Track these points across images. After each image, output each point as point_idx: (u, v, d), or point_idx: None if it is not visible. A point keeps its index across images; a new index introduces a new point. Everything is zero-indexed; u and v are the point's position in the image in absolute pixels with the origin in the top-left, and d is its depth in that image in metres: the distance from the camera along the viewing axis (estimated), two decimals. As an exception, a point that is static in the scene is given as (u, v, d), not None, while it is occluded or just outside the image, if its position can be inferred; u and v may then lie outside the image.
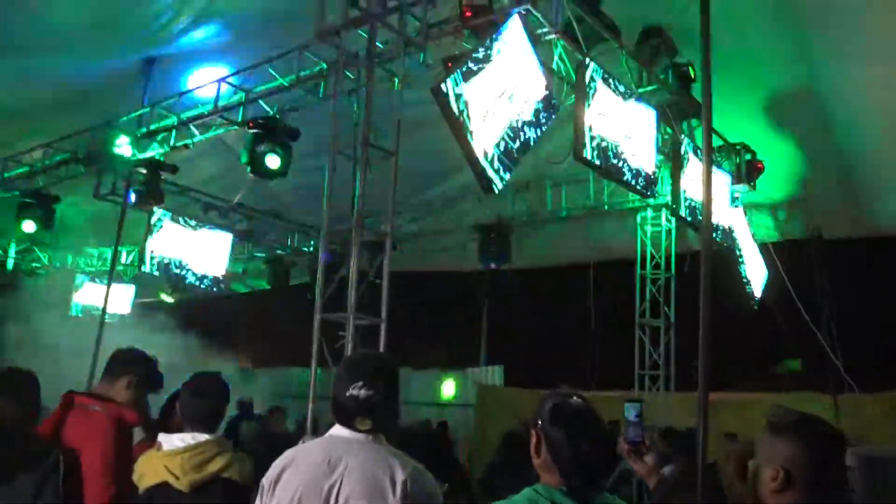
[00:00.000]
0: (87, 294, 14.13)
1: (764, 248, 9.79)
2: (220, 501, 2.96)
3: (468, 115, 4.86)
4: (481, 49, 5.17)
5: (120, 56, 8.13)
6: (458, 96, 4.84)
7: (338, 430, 2.35)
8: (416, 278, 15.32)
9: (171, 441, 3.06)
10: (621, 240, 10.16)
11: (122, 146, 8.81)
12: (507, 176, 5.16)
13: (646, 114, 6.74)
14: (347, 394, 2.32)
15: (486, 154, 4.94)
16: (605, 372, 10.02)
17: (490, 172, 4.93)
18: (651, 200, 9.02)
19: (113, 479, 3.09)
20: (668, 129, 7.47)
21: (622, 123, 6.22)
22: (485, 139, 4.95)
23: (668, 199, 8.02)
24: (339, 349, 5.00)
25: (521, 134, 5.28)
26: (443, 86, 4.65)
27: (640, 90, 7.02)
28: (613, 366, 10.00)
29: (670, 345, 9.11)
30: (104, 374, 3.43)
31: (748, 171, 8.48)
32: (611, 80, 6.18)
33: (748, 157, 8.54)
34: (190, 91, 8.27)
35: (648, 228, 9.56)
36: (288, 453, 2.40)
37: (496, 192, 5.05)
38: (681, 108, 7.44)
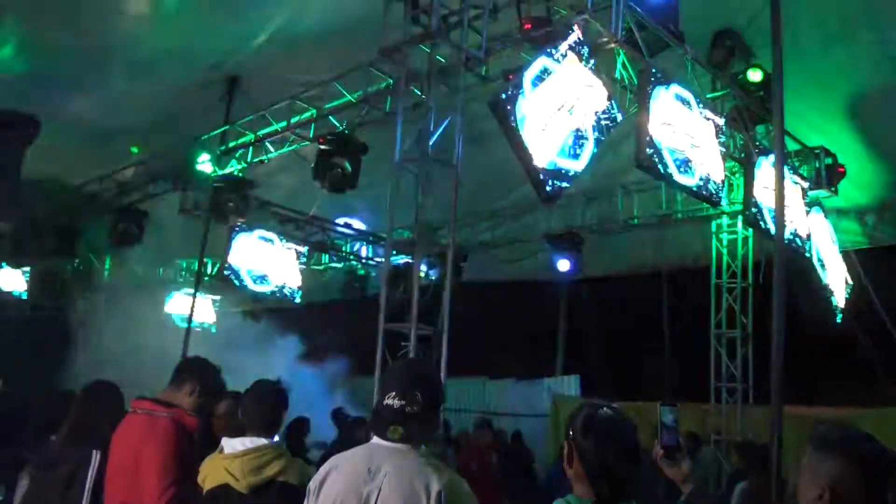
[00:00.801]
0: (177, 304, 14.82)
1: (847, 255, 9.34)
2: (276, 503, 3.08)
3: (526, 128, 4.89)
4: (540, 61, 5.21)
5: (203, 77, 8.57)
6: (516, 109, 4.89)
7: (377, 440, 2.44)
8: (491, 288, 15.37)
9: (231, 445, 3.20)
10: (696, 248, 9.92)
11: (204, 163, 9.28)
12: (566, 186, 5.14)
13: (713, 120, 6.60)
14: (384, 403, 2.40)
15: (544, 166, 4.96)
16: (680, 383, 9.76)
17: (549, 184, 4.94)
18: (726, 207, 8.78)
19: (172, 481, 3.25)
20: (740, 136, 7.28)
21: (687, 131, 6.11)
22: (544, 151, 4.97)
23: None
24: (405, 357, 5.11)
25: (581, 145, 5.26)
26: (500, 100, 4.70)
27: (710, 95, 6.88)
28: (689, 377, 9.74)
29: (748, 356, 8.80)
30: (170, 381, 3.63)
31: (828, 176, 8.15)
32: (675, 88, 6.09)
33: (828, 161, 8.21)
34: (265, 109, 8.61)
35: (724, 236, 9.29)
36: (333, 459, 2.50)
37: (555, 204, 5.05)
38: (754, 113, 7.23)
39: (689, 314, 9.81)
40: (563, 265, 10.19)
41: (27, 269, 13.14)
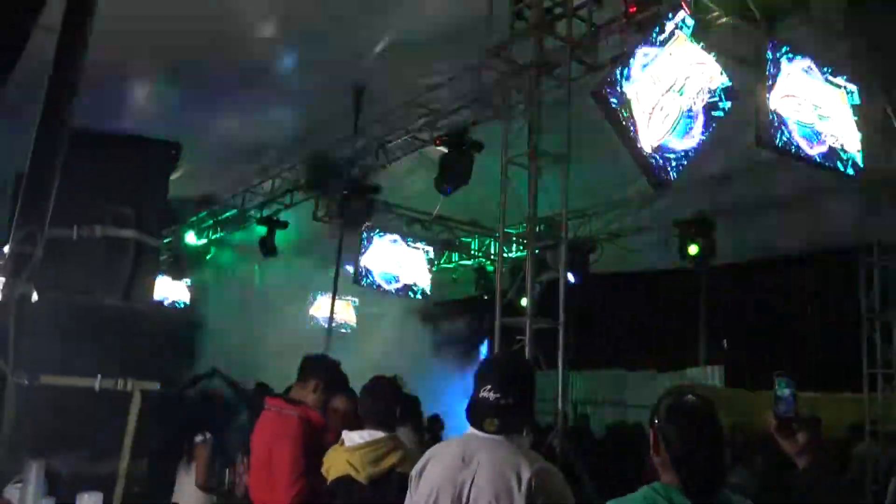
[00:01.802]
0: (320, 307, 15.63)
1: None
2: (395, 493, 3.24)
3: (633, 113, 4.80)
4: (646, 44, 5.09)
5: (331, 88, 9.02)
6: (622, 95, 4.81)
7: (473, 430, 2.52)
8: (625, 278, 15.03)
9: (351, 438, 3.40)
10: (844, 225, 9.19)
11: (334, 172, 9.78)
12: (681, 170, 4.99)
13: (844, 87, 6.12)
14: (480, 395, 2.49)
15: (654, 151, 4.84)
16: (830, 371, 9.09)
17: (660, 169, 4.82)
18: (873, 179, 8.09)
19: (301, 473, 3.49)
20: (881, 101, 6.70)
21: (814, 101, 5.72)
22: (652, 136, 4.86)
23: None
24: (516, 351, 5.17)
25: (694, 126, 5.08)
26: (602, 88, 4.64)
27: (841, 61, 6.39)
28: (839, 364, 9.06)
29: (906, 341, 8.07)
30: (297, 379, 3.89)
31: None
32: (798, 57, 5.71)
33: None
34: (386, 115, 8.93)
35: (875, 210, 8.53)
36: (432, 449, 2.62)
37: (667, 187, 4.92)
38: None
39: (838, 297, 9.14)
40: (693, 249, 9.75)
41: (188, 279, 14.40)
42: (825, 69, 6.02)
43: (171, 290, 13.80)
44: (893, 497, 5.40)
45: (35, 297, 1.97)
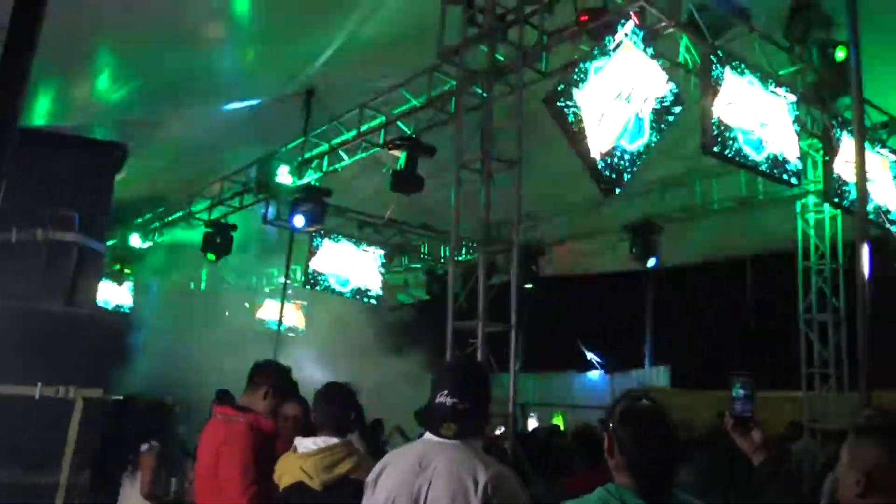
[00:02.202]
0: (268, 310, 15.45)
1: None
2: (349, 500, 3.22)
3: (583, 120, 4.89)
4: (596, 52, 5.19)
5: (279, 90, 8.93)
6: (572, 102, 4.89)
7: (429, 436, 2.54)
8: (574, 281, 15.27)
9: (305, 444, 3.36)
10: (781, 230, 9.53)
11: (283, 175, 9.68)
12: (628, 176, 5.10)
13: (784, 97, 6.36)
14: (436, 400, 2.50)
15: (603, 157, 4.94)
16: (770, 370, 9.39)
17: (608, 175, 4.92)
18: (810, 186, 8.42)
19: (252, 482, 3.43)
20: (818, 111, 6.98)
21: (756, 111, 5.92)
22: (601, 142, 4.95)
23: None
24: (470, 355, 5.19)
25: (640, 133, 5.21)
26: (553, 95, 4.71)
27: (782, 71, 6.64)
28: (779, 364, 9.37)
29: (841, 341, 8.38)
30: (246, 386, 3.81)
31: (919, 146, 7.68)
32: (742, 68, 5.91)
33: (918, 130, 7.74)
34: (338, 118, 8.89)
35: (811, 216, 8.88)
36: (388, 455, 2.62)
37: (616, 193, 5.02)
38: (832, 86, 6.92)
39: (777, 300, 9.45)
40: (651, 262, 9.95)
41: (131, 283, 14.04)
42: (767, 80, 6.24)
43: (113, 294, 13.43)
44: (829, 492, 5.60)
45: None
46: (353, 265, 11.46)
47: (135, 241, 13.25)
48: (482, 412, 2.57)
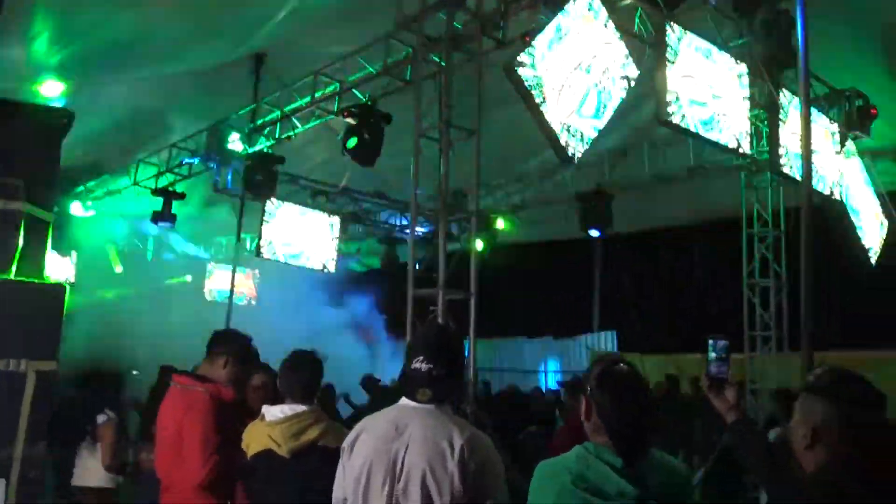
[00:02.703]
0: (218, 280, 15.22)
1: (882, 197, 9.19)
2: (317, 466, 3.24)
3: (543, 90, 4.93)
4: (555, 22, 5.22)
5: (227, 56, 8.70)
6: (532, 72, 4.92)
7: (405, 401, 2.59)
8: (526, 249, 15.47)
9: (272, 412, 3.38)
10: (727, 199, 9.82)
11: (234, 142, 9.48)
12: (587, 146, 5.18)
13: (735, 69, 6.52)
14: (412, 367, 2.54)
15: (562, 126, 5.00)
16: (715, 334, 9.73)
17: (567, 144, 4.99)
18: (756, 156, 8.68)
19: (213, 451, 3.42)
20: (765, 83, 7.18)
21: (709, 82, 6.06)
22: (561, 112, 5.01)
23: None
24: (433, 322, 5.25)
25: (600, 103, 5.28)
26: (514, 64, 4.74)
27: (732, 44, 6.79)
28: (723, 328, 9.71)
29: (782, 305, 8.76)
30: (206, 355, 3.78)
31: (860, 118, 7.98)
32: (695, 40, 6.03)
33: (859, 102, 8.03)
34: (290, 84, 8.72)
35: (755, 185, 9.18)
36: (365, 420, 2.66)
37: (574, 162, 5.10)
38: (780, 59, 7.10)
39: (722, 266, 9.78)
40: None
41: (74, 254, 13.62)
42: (720, 51, 6.38)
43: (57, 265, 13.02)
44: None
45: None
46: (306, 234, 11.36)
47: (76, 209, 12.83)
48: (456, 378, 2.63)
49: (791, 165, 7.27)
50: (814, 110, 7.03)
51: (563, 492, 2.15)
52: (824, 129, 7.87)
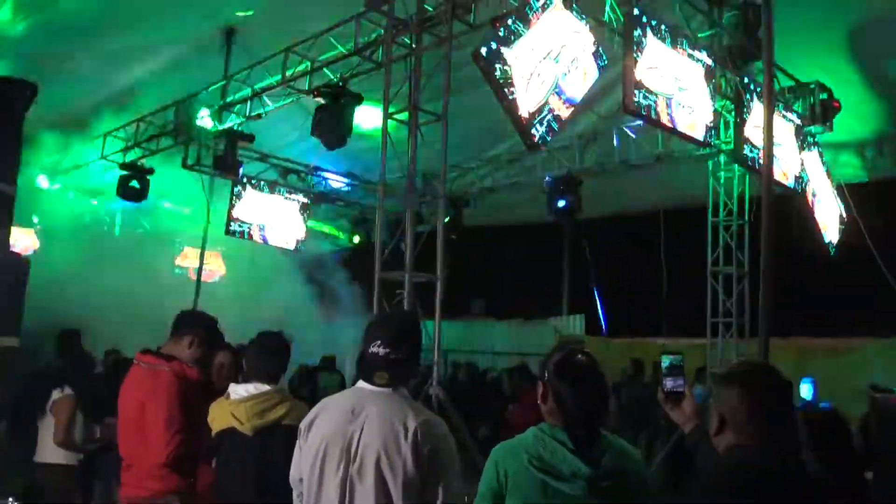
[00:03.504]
0: (187, 258, 15.08)
1: (841, 189, 9.42)
2: (280, 445, 3.29)
3: (511, 78, 4.97)
4: (525, 9, 5.25)
5: (196, 27, 8.57)
6: (500, 59, 4.96)
7: (362, 384, 2.64)
8: (496, 232, 15.57)
9: (237, 391, 3.42)
10: (693, 187, 9.98)
11: (204, 118, 9.39)
12: (553, 133, 5.24)
13: (702, 61, 6.61)
14: (370, 350, 2.59)
15: (530, 114, 5.06)
16: (679, 320, 9.96)
17: (534, 132, 5.04)
18: (722, 146, 8.82)
19: (178, 429, 3.45)
20: (731, 75, 7.29)
21: (675, 73, 6.14)
22: (529, 100, 5.06)
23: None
24: (399, 305, 5.31)
25: (566, 92, 5.34)
26: (483, 51, 4.76)
27: (700, 35, 6.87)
28: (687, 314, 9.94)
29: (744, 292, 8.95)
30: (171, 335, 3.78)
31: (823, 111, 8.13)
32: (662, 30, 6.10)
33: (823, 95, 8.17)
34: (261, 62, 8.64)
35: (721, 175, 9.33)
36: (322, 402, 2.71)
37: (541, 150, 5.16)
38: (746, 51, 7.22)
39: (687, 253, 9.95)
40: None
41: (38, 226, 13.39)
42: (686, 42, 6.46)
43: (21, 239, 12.81)
44: None
45: None
46: (275, 213, 11.31)
47: (42, 182, 12.61)
48: (414, 362, 2.69)
49: (755, 156, 7.40)
50: (777, 103, 7.18)
51: (520, 470, 2.25)
52: (788, 122, 8.02)
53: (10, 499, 2.62)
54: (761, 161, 7.30)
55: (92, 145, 11.50)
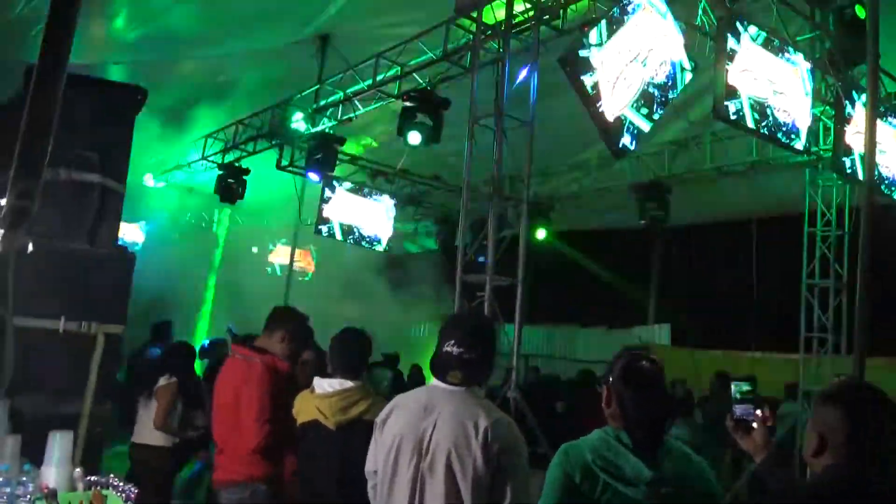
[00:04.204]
0: (279, 255, 15.66)
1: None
2: (361, 440, 3.39)
3: (598, 82, 4.95)
4: (614, 12, 5.21)
5: (293, 36, 8.90)
6: (588, 63, 4.94)
7: (436, 382, 2.70)
8: (583, 237, 15.40)
9: (322, 385, 3.54)
10: (789, 195, 9.58)
11: (298, 121, 9.75)
12: (639, 138, 5.18)
13: (800, 65, 6.35)
14: (444, 350, 2.66)
15: (616, 119, 5.01)
16: (769, 333, 9.57)
17: (620, 138, 5.00)
18: (822, 153, 8.45)
19: (268, 419, 3.64)
20: (832, 79, 6.97)
21: (771, 78, 5.92)
22: (615, 104, 5.02)
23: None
24: (479, 307, 5.37)
25: (655, 97, 5.26)
26: (570, 54, 4.76)
27: (800, 38, 6.61)
28: (779, 327, 9.54)
29: (841, 307, 8.51)
30: (264, 329, 3.99)
31: (933, 119, 7.64)
32: (758, 33, 5.90)
33: (932, 103, 7.69)
34: (353, 67, 8.89)
35: (820, 183, 8.92)
36: (397, 398, 2.79)
37: (625, 156, 5.11)
38: (848, 54, 6.88)
39: (781, 264, 9.56)
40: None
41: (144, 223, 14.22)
42: (783, 45, 6.23)
43: (128, 233, 13.64)
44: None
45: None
46: (364, 213, 11.59)
47: (148, 180, 13.39)
48: (487, 362, 2.73)
49: (856, 164, 7.04)
50: (882, 109, 6.81)
51: (585, 469, 2.26)
52: (893, 128, 7.59)
53: (112, 475, 2.83)
54: (860, 168, 6.97)
55: (193, 147, 12.13)
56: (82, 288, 4.74)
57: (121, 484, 3.20)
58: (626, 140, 5.12)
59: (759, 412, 2.40)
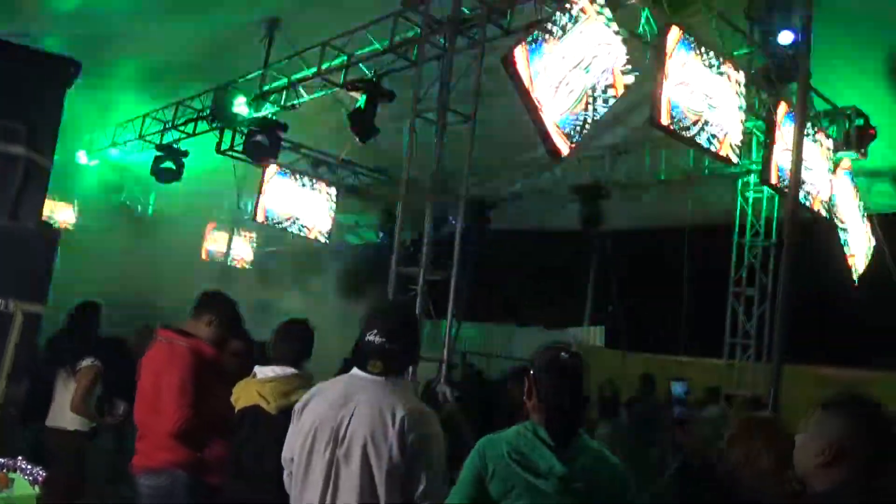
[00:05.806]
0: (216, 241, 15.33)
1: (870, 218, 9.26)
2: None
3: (540, 84, 5.01)
4: (560, 17, 5.28)
5: (242, 16, 8.70)
6: (531, 65, 5.00)
7: (356, 371, 2.71)
8: (522, 237, 15.54)
9: (263, 371, 3.51)
10: (722, 205, 9.90)
11: (240, 105, 9.56)
12: (578, 143, 5.26)
13: (734, 79, 6.56)
14: (366, 339, 2.66)
15: (556, 124, 5.09)
16: (696, 338, 9.89)
17: (557, 142, 5.07)
18: (752, 166, 8.76)
19: (189, 403, 3.57)
20: (765, 94, 7.23)
21: (705, 90, 6.11)
22: (555, 109, 5.09)
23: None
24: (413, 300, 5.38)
25: (595, 103, 5.36)
26: (512, 56, 4.81)
27: (736, 53, 6.83)
28: (706, 332, 9.86)
29: (765, 315, 8.85)
30: (192, 313, 3.91)
31: (858, 137, 8.02)
32: (697, 47, 6.08)
33: (859, 122, 8.06)
34: (299, 53, 8.77)
35: (750, 195, 9.25)
36: (317, 386, 2.79)
37: (564, 159, 5.19)
38: (782, 71, 7.14)
39: (710, 271, 9.87)
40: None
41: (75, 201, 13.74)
42: (719, 59, 6.42)
43: (57, 212, 13.16)
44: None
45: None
46: (304, 202, 11.46)
47: (81, 158, 12.95)
48: (409, 353, 2.75)
49: (785, 178, 7.33)
50: (810, 127, 7.10)
51: (499, 461, 2.32)
52: (819, 146, 7.92)
53: (20, 457, 2.74)
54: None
55: (130, 126, 11.77)
56: (1, 264, 4.56)
57: (29, 467, 3.11)
58: (564, 144, 5.20)
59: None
